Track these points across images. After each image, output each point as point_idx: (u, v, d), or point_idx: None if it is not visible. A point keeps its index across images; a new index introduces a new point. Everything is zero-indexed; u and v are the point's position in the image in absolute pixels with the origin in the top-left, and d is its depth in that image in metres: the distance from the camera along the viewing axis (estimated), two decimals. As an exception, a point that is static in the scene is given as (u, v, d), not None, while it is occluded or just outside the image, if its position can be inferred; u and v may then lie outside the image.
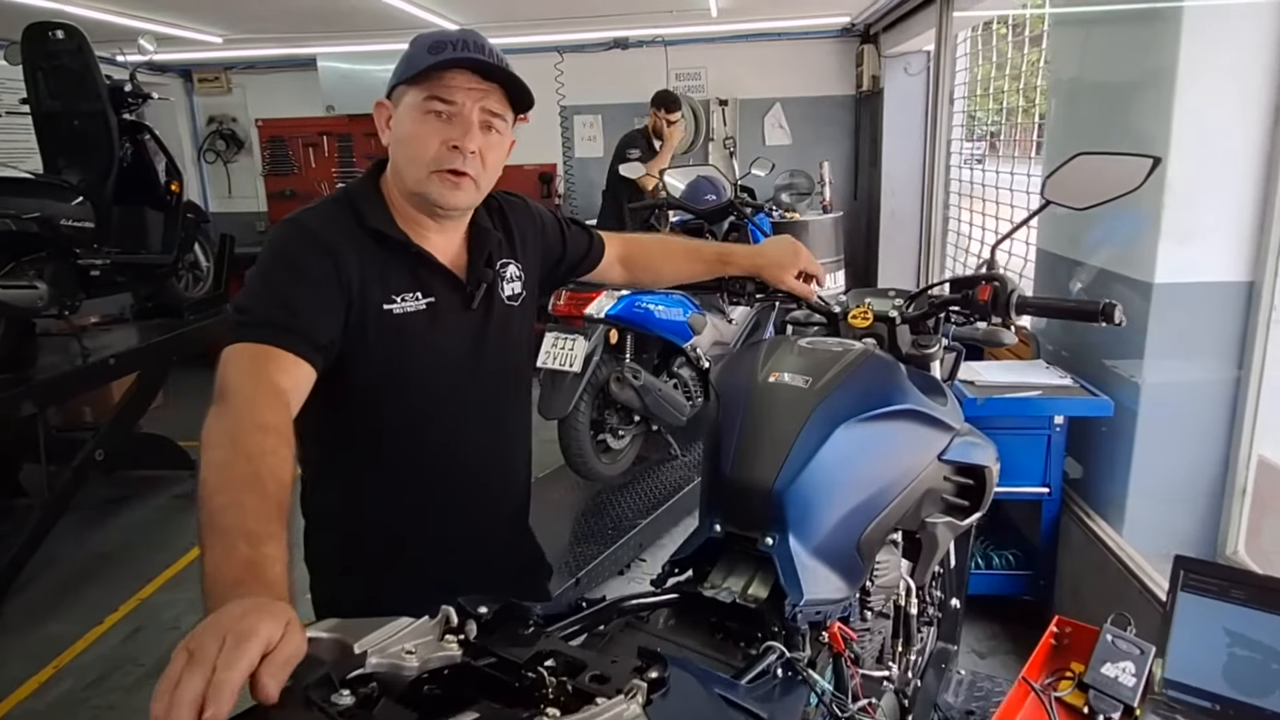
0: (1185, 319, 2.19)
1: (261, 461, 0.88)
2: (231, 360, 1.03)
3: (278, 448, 0.92)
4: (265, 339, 1.05)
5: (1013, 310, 1.33)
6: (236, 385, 0.99)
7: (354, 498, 1.31)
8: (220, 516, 0.82)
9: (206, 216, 4.38)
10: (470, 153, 1.16)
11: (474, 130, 1.16)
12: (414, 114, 1.16)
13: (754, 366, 1.29)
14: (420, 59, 1.14)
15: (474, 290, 1.27)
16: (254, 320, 1.07)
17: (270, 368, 1.03)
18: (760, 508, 1.11)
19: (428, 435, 1.27)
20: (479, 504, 1.35)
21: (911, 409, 1.23)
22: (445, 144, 1.15)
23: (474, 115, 1.16)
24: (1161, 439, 2.29)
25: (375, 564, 1.31)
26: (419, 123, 1.16)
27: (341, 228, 1.18)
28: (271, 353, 1.04)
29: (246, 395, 0.98)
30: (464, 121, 1.15)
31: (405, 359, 1.21)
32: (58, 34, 3.50)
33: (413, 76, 1.15)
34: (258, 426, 0.93)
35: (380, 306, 1.18)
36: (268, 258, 1.15)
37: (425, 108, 1.15)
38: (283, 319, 1.07)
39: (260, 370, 1.02)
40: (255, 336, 1.05)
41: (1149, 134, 2.20)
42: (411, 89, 1.16)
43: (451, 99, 1.15)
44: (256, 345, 1.04)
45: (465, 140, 1.15)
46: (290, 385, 1.04)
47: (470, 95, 1.15)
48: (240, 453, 0.89)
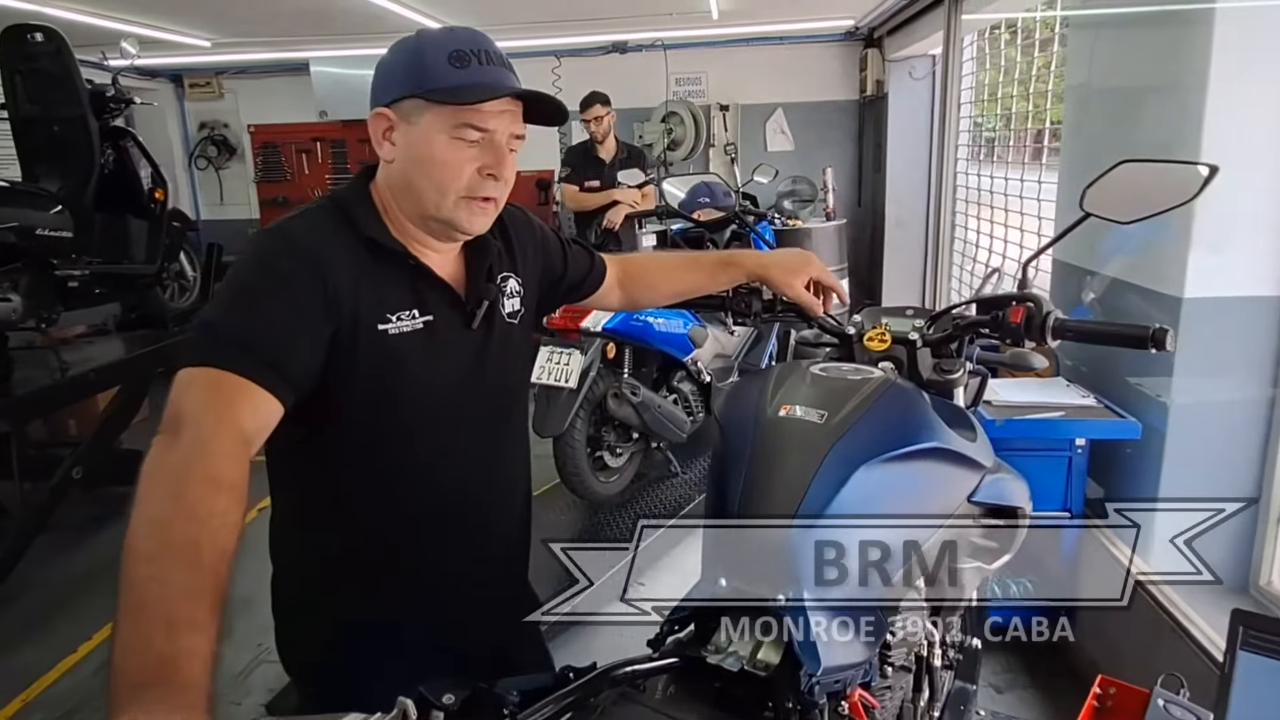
0: (1217, 335, 2.06)
1: (204, 526, 0.76)
2: (191, 386, 0.89)
3: (228, 510, 0.79)
4: (234, 366, 0.91)
5: (1049, 334, 1.20)
6: (193, 419, 0.85)
7: (335, 536, 1.16)
8: (141, 589, 0.70)
9: (193, 225, 4.28)
10: (504, 179, 1.08)
11: (506, 157, 1.07)
12: (442, 139, 1.04)
13: (762, 397, 1.16)
14: (443, 74, 1.02)
15: (474, 308, 1.15)
16: (224, 340, 0.93)
17: (236, 403, 0.89)
18: (771, 561, 0.99)
19: (420, 466, 1.14)
20: (475, 539, 1.22)
21: (939, 447, 1.10)
22: (481, 171, 1.06)
23: (504, 140, 1.07)
24: (1190, 462, 2.16)
25: (360, 609, 1.17)
26: (450, 148, 1.04)
27: (333, 238, 1.05)
28: (239, 384, 0.90)
29: (203, 435, 0.84)
30: (498, 149, 1.06)
31: (399, 383, 1.08)
32: (36, 36, 3.40)
33: (442, 95, 1.02)
34: (209, 479, 0.80)
35: (374, 326, 1.05)
36: (247, 269, 1.01)
37: (457, 133, 1.03)
38: (258, 343, 0.93)
39: (224, 405, 0.88)
40: (223, 361, 0.91)
41: (1177, 140, 2.08)
42: (434, 107, 1.03)
43: (486, 127, 1.04)
44: (223, 372, 0.90)
45: (501, 169, 1.06)
46: (255, 428, 0.91)
47: (502, 120, 1.05)
48: (181, 510, 0.76)
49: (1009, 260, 3.63)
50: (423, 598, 1.18)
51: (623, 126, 6.39)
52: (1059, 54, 3.35)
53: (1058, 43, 3.40)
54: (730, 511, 1.05)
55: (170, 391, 0.88)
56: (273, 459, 1.13)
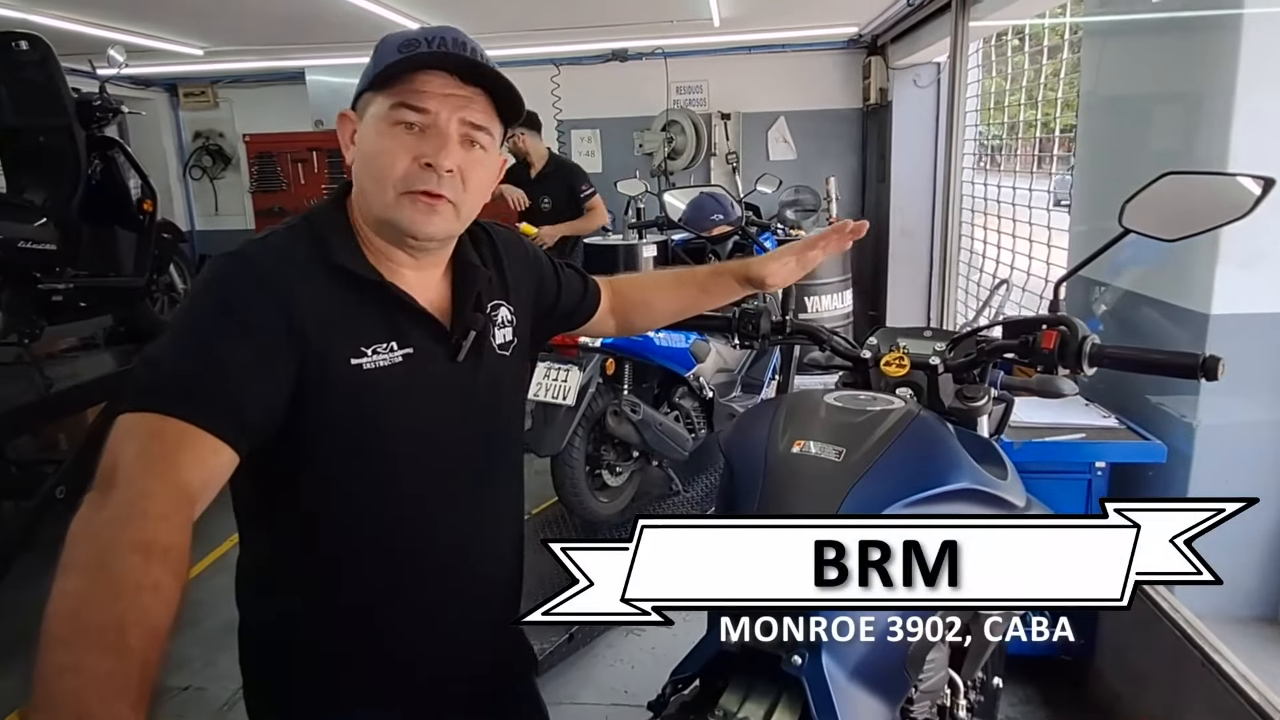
0: (1247, 354, 1.97)
1: (131, 601, 0.66)
2: (129, 435, 0.78)
3: (160, 581, 0.68)
4: (179, 411, 0.79)
5: (1086, 362, 1.10)
6: (128, 474, 0.74)
7: (310, 587, 1.04)
8: (54, 681, 0.60)
9: (184, 236, 4.18)
10: (447, 171, 0.94)
11: (451, 144, 0.94)
12: (380, 125, 0.94)
13: (772, 431, 1.07)
14: (387, 57, 0.93)
15: (460, 339, 1.03)
16: (169, 384, 0.82)
17: (179, 455, 0.78)
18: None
19: (402, 511, 1.03)
20: (462, 588, 1.10)
21: (970, 488, 1.00)
22: (417, 161, 0.93)
23: (451, 127, 0.94)
24: (1218, 486, 2.07)
25: (337, 662, 1.06)
26: (386, 135, 0.94)
27: (299, 266, 0.94)
28: (185, 431, 0.79)
29: (137, 493, 0.73)
30: (439, 134, 0.94)
31: (376, 423, 0.97)
32: (21, 44, 3.32)
33: (378, 80, 0.93)
34: (140, 546, 0.69)
35: (346, 361, 0.93)
36: (202, 300, 0.90)
37: (393, 118, 0.93)
38: (208, 384, 0.82)
39: (164, 457, 0.77)
40: (167, 406, 0.79)
41: (1202, 149, 2.00)
42: (378, 96, 0.94)
43: (424, 106, 0.93)
44: (165, 418, 0.79)
45: (440, 157, 0.93)
46: (201, 482, 0.79)
47: (447, 103, 0.94)
48: (106, 583, 0.66)
49: (1017, 271, 3.55)
50: (405, 650, 1.07)
51: (623, 136, 6.34)
52: (1069, 61, 3.27)
53: (1067, 49, 3.32)
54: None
55: (107, 440, 0.77)
56: (241, 505, 1.02)
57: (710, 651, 0.94)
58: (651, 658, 2.68)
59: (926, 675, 1.10)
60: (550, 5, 4.52)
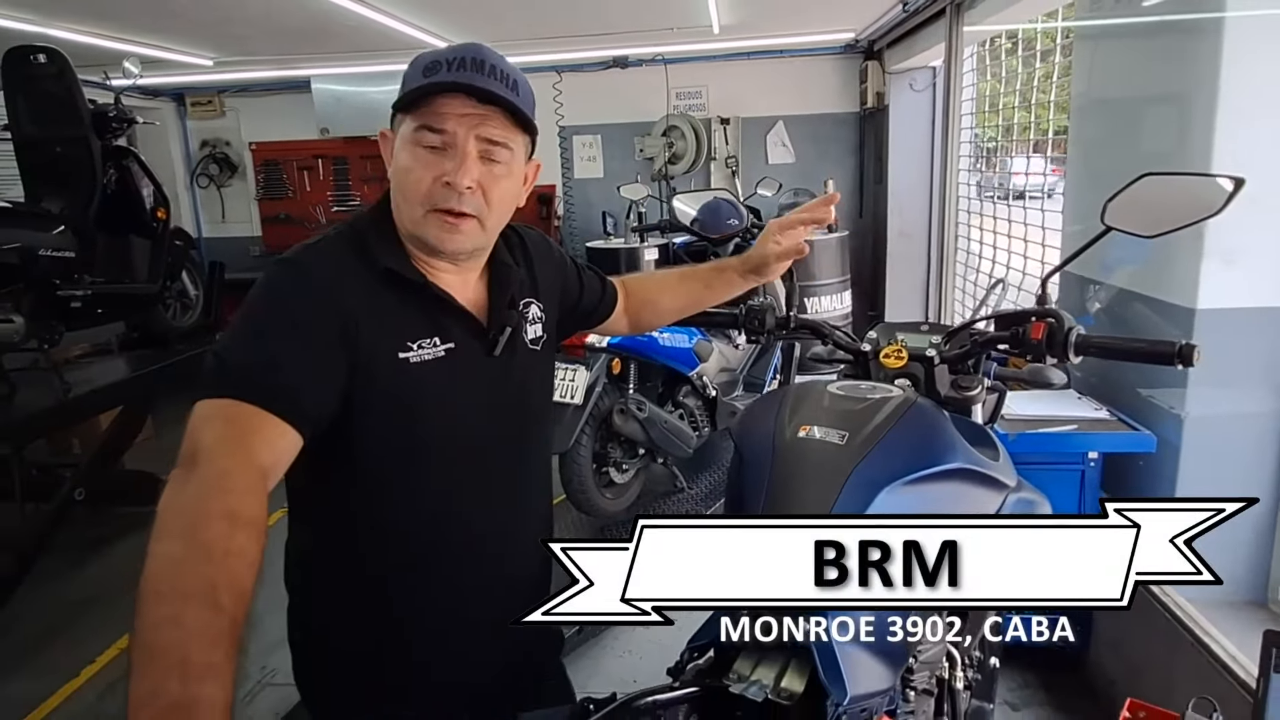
0: (1232, 347, 2.05)
1: (222, 564, 0.73)
2: (206, 419, 0.87)
3: (246, 548, 0.77)
4: (250, 397, 0.88)
5: (1072, 351, 1.18)
6: (209, 452, 0.83)
7: (355, 568, 1.13)
8: (157, 632, 0.67)
9: (194, 243, 4.25)
10: (467, 188, 1.01)
11: (469, 163, 1.01)
12: (406, 145, 1.02)
13: (780, 418, 1.14)
14: (412, 81, 1.01)
15: (497, 335, 1.12)
16: (238, 375, 0.91)
17: (253, 437, 0.87)
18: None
19: (443, 494, 1.11)
20: (497, 568, 1.18)
21: (963, 468, 1.08)
22: (438, 180, 1.01)
23: (469, 145, 1.01)
24: (1206, 475, 2.14)
25: (379, 642, 1.14)
26: (411, 155, 1.02)
27: (349, 269, 1.02)
28: (256, 416, 0.88)
29: (219, 469, 0.82)
30: (458, 153, 1.01)
31: (422, 412, 1.06)
32: (39, 58, 3.38)
33: (405, 103, 1.01)
34: (226, 515, 0.77)
35: (394, 355, 1.02)
36: (261, 302, 0.99)
37: (417, 139, 1.01)
38: (272, 377, 0.91)
39: (240, 438, 0.86)
40: (238, 393, 0.89)
41: (1187, 150, 2.07)
42: (406, 117, 1.02)
43: (442, 127, 1.00)
44: (239, 404, 0.88)
45: (459, 176, 1.00)
46: (272, 461, 0.88)
47: (464, 122, 1.00)
48: (198, 548, 0.74)
49: (1013, 271, 3.62)
50: (444, 629, 1.15)
51: (624, 141, 6.42)
52: (1061, 64, 3.35)
53: (1059, 53, 3.40)
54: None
55: (187, 424, 0.86)
56: (293, 490, 1.10)
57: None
58: (659, 648, 2.74)
59: (926, 646, 1.17)
60: (553, 14, 4.59)
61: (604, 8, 4.50)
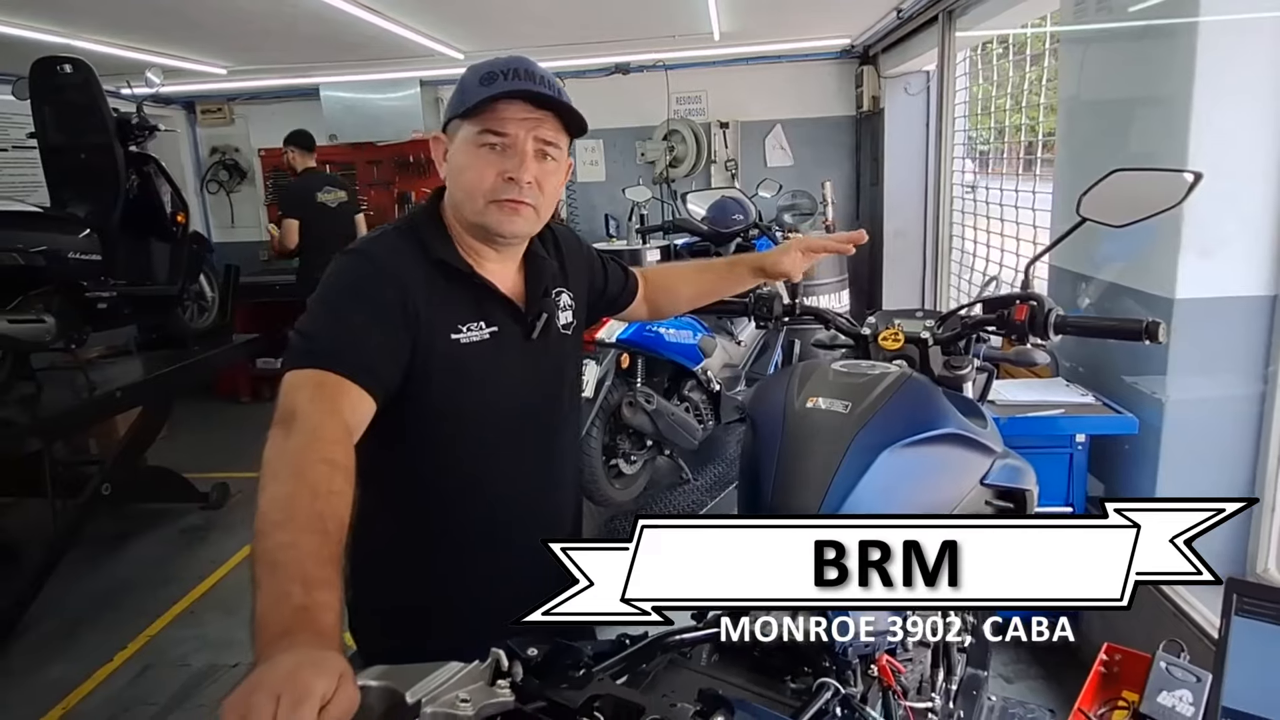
0: (1208, 334, 2.16)
1: (326, 501, 0.86)
2: (296, 385, 1.01)
3: (343, 488, 0.90)
4: (332, 367, 1.02)
5: (1051, 330, 1.31)
6: (304, 411, 0.97)
7: (404, 535, 1.28)
8: (277, 554, 0.80)
9: (211, 246, 4.36)
10: (527, 183, 1.15)
11: (529, 160, 1.15)
12: (469, 148, 1.16)
13: (789, 391, 1.27)
14: (473, 92, 1.14)
15: (534, 320, 1.26)
16: (320, 348, 1.05)
17: (339, 399, 1.01)
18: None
19: (486, 466, 1.25)
20: (529, 529, 1.27)
21: (954, 433, 1.20)
22: (501, 176, 1.15)
23: (528, 145, 1.15)
24: (1187, 456, 2.26)
25: (426, 604, 1.28)
26: (474, 156, 1.15)
27: (407, 258, 1.17)
28: (341, 383, 1.02)
29: (313, 424, 0.96)
30: (518, 152, 1.15)
31: (469, 389, 1.20)
32: (66, 68, 3.50)
33: (467, 111, 1.14)
34: (323, 460, 0.91)
35: (447, 336, 1.17)
36: (335, 287, 1.13)
37: (479, 141, 1.15)
38: (349, 349, 1.05)
39: (327, 399, 1.00)
40: (324, 364, 1.03)
41: (1165, 149, 2.19)
42: (466, 123, 1.16)
43: (504, 131, 1.14)
44: (324, 372, 1.02)
45: (520, 171, 1.14)
46: (355, 422, 1.02)
47: (523, 125, 1.14)
48: (305, 487, 0.87)
49: (1006, 269, 3.74)
50: (490, 581, 1.26)
51: (625, 145, 6.54)
52: (1050, 68, 3.47)
53: (1048, 57, 3.52)
54: (765, 494, 1.15)
55: (279, 392, 1.00)
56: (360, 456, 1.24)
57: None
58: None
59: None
60: (558, 23, 4.72)
61: (609, 16, 4.62)
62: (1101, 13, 2.56)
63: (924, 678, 1.41)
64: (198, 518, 4.17)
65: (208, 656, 2.95)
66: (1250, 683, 1.15)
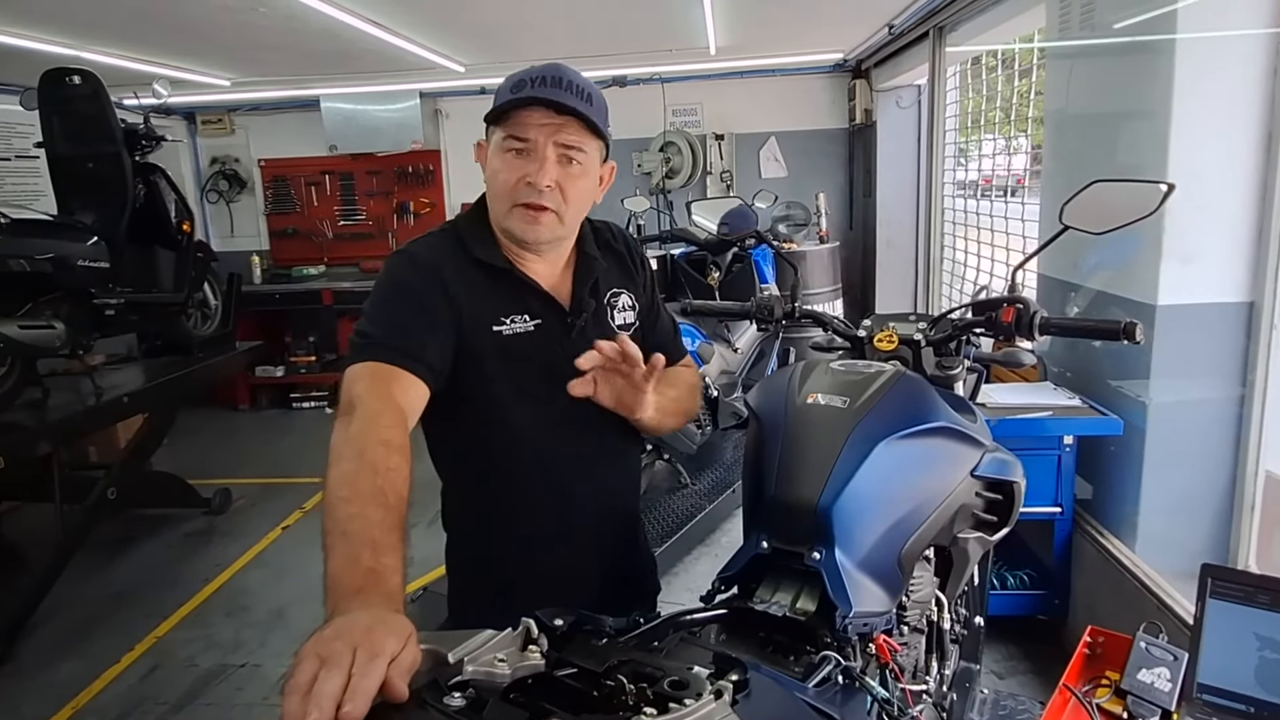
0: (1189, 339, 2.25)
1: (386, 477, 0.95)
2: (356, 377, 1.11)
3: (400, 465, 0.99)
4: (386, 359, 1.13)
5: (1036, 331, 1.39)
6: (363, 400, 1.07)
7: (474, 512, 1.38)
8: (347, 524, 0.88)
9: (215, 255, 4.42)
10: (546, 187, 1.20)
11: (548, 164, 1.20)
12: (496, 152, 1.24)
13: (790, 388, 1.34)
14: (502, 98, 1.22)
15: (574, 318, 1.32)
16: (374, 343, 1.15)
17: (393, 385, 1.11)
18: (806, 523, 1.15)
19: (536, 439, 1.31)
20: (587, 508, 1.38)
21: (946, 426, 1.28)
22: (521, 180, 1.21)
23: (548, 150, 1.20)
24: (1170, 457, 2.35)
25: (505, 575, 1.37)
26: (500, 160, 1.23)
27: (448, 256, 1.26)
28: (393, 371, 1.12)
29: (372, 410, 1.05)
30: (538, 157, 1.20)
31: (511, 375, 1.27)
32: (74, 79, 3.57)
33: (494, 117, 1.22)
34: (382, 442, 0.99)
35: (490, 328, 1.25)
36: (383, 287, 1.23)
37: (504, 145, 1.22)
38: (400, 342, 1.15)
39: (383, 387, 1.10)
40: (377, 356, 1.13)
41: (1146, 161, 2.28)
42: (496, 129, 1.24)
43: (526, 135, 1.20)
44: (378, 364, 1.12)
45: (539, 175, 1.20)
46: (408, 404, 1.11)
47: (543, 130, 1.20)
48: (367, 465, 0.95)
49: (996, 279, 3.83)
50: (553, 557, 1.36)
51: (622, 157, 6.61)
52: (1038, 82, 3.57)
53: (1036, 71, 3.62)
54: (769, 484, 1.22)
55: (341, 385, 1.11)
56: (429, 439, 1.34)
57: (747, 555, 1.20)
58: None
59: (917, 583, 1.37)
60: (557, 37, 4.80)
61: (608, 30, 4.69)
62: (1085, 30, 2.66)
63: (919, 663, 1.48)
64: (201, 522, 4.22)
65: (215, 657, 3.00)
66: (1223, 659, 1.22)
